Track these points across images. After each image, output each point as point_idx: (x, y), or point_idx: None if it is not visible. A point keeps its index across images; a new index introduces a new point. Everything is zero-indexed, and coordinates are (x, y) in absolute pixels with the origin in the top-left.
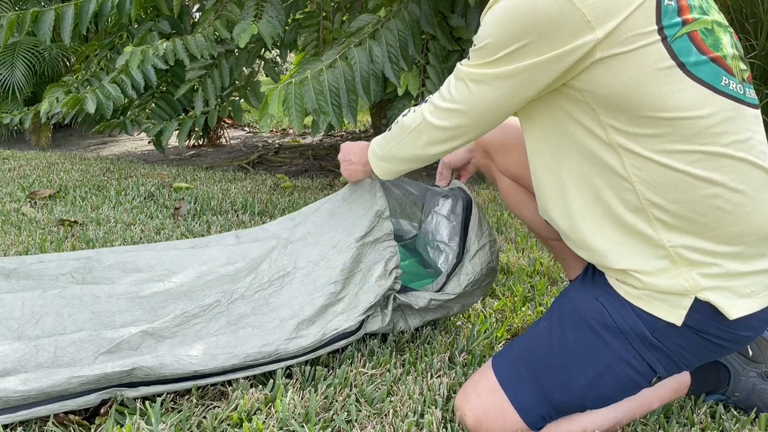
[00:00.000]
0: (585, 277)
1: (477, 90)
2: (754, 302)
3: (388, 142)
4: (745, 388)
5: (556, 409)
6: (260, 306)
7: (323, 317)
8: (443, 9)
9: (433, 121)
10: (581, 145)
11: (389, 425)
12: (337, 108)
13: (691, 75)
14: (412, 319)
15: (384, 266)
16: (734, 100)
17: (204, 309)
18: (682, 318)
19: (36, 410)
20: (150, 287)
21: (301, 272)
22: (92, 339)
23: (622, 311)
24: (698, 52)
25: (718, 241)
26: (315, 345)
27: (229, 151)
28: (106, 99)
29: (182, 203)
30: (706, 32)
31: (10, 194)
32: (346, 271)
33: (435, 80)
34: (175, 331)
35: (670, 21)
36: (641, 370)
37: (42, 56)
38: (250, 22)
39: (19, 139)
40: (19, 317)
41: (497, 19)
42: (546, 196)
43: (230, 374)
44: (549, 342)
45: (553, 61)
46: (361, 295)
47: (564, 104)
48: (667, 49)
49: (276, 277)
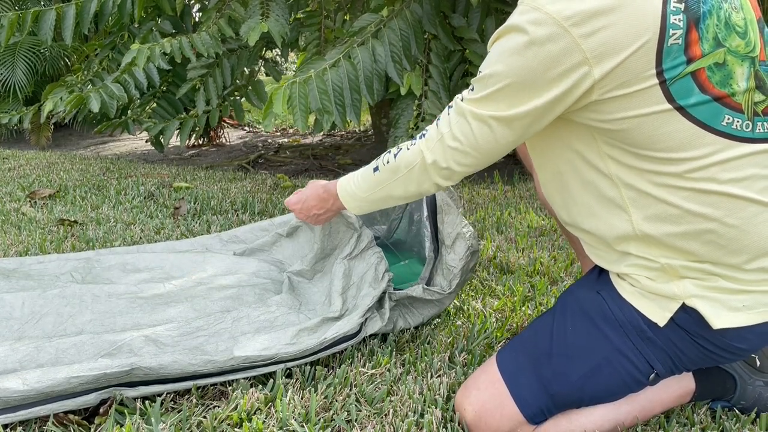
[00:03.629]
0: (591, 274)
1: (479, 131)
2: (744, 316)
3: (381, 182)
4: (752, 397)
5: (553, 401)
6: (264, 327)
7: (324, 326)
8: (445, 9)
9: (437, 160)
10: (580, 173)
11: (389, 425)
12: (341, 107)
13: (689, 116)
14: (411, 317)
15: (374, 271)
16: (735, 139)
17: (209, 323)
18: (665, 320)
19: (35, 410)
20: (150, 289)
21: (305, 307)
22: (93, 342)
23: (621, 304)
24: (700, 91)
25: (714, 264)
26: (316, 348)
27: (229, 150)
28: (109, 98)
29: (182, 203)
30: (715, 68)
31: (9, 194)
32: (340, 288)
33: (437, 80)
34: (177, 341)
35: (673, 62)
36: (639, 365)
37: (43, 55)
38: (258, 21)
39: (19, 138)
40: (19, 317)
41: (501, 51)
42: (550, 192)
43: (230, 375)
44: (550, 332)
45: (554, 103)
46: (359, 300)
47: (565, 134)
48: (664, 93)
49: (283, 312)
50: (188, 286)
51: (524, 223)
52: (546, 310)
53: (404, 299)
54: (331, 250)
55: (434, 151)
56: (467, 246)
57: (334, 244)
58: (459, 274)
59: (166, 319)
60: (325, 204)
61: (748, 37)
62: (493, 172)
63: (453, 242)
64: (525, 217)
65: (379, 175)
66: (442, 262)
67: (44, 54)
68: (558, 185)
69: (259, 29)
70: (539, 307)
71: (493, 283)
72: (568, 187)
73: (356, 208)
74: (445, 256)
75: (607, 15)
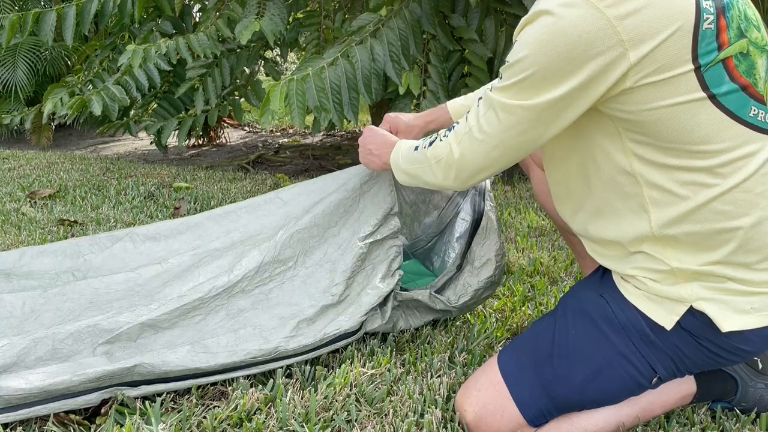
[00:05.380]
0: (594, 275)
1: (507, 122)
2: (752, 318)
3: (415, 162)
4: (752, 399)
5: (554, 403)
6: (260, 301)
7: (324, 317)
8: (444, 9)
9: (464, 154)
10: (600, 171)
11: (389, 425)
12: (339, 105)
13: (720, 106)
14: (412, 318)
15: (388, 266)
16: (759, 131)
17: (204, 302)
18: (673, 323)
19: (36, 409)
20: (148, 271)
21: (303, 271)
22: (90, 331)
23: (624, 307)
24: (730, 80)
25: (726, 265)
26: (315, 344)
27: (229, 150)
28: (111, 101)
29: (182, 203)
30: (741, 57)
31: (9, 194)
32: (349, 271)
33: (436, 80)
34: (174, 323)
35: (707, 48)
36: (641, 369)
37: (43, 56)
38: (252, 20)
39: (19, 138)
40: (19, 315)
41: (531, 36)
42: (560, 198)
43: (231, 372)
44: (552, 335)
45: (585, 89)
46: (364, 296)
47: (588, 130)
48: (699, 80)
49: (277, 273)
50: (184, 260)
51: (524, 223)
52: (546, 310)
53: (409, 301)
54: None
55: (462, 144)
56: (492, 274)
57: (354, 217)
58: (471, 295)
59: (162, 300)
60: (381, 148)
61: (762, 30)
62: None
63: (482, 265)
64: (525, 217)
65: (416, 155)
66: (460, 280)
67: (45, 54)
68: (571, 186)
69: (252, 28)
70: (539, 307)
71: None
72: (584, 187)
73: (398, 173)
74: (466, 275)
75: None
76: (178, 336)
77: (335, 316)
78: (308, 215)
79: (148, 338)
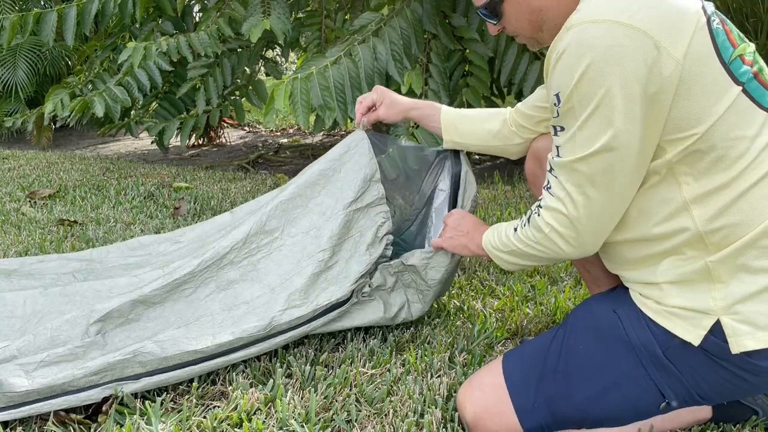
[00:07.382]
0: (609, 290)
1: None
2: None
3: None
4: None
5: (554, 418)
6: (249, 272)
7: (315, 287)
8: (445, 8)
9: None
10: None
11: (389, 425)
12: (342, 104)
13: (749, 95)
14: (414, 306)
15: (375, 233)
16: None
17: (193, 275)
18: (701, 338)
19: (39, 405)
20: (149, 276)
21: (290, 240)
22: (84, 314)
23: (637, 326)
24: (747, 67)
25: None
26: (309, 316)
27: (229, 150)
28: (113, 102)
29: (182, 203)
30: (749, 53)
31: (9, 194)
32: (335, 237)
33: (437, 79)
34: (164, 297)
35: (723, 44)
36: (649, 393)
37: (44, 56)
38: (260, 18)
39: (19, 138)
40: (21, 315)
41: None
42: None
43: (231, 354)
44: (559, 348)
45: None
46: (352, 263)
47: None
48: (729, 74)
49: (264, 243)
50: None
51: None
52: (546, 310)
53: (403, 273)
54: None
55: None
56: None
57: (337, 185)
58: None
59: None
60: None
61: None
62: (493, 172)
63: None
64: None
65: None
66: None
67: (45, 54)
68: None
69: (262, 26)
70: (539, 307)
71: (493, 283)
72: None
73: (499, 261)
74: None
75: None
76: (170, 308)
77: (326, 285)
78: (292, 185)
79: (139, 313)
